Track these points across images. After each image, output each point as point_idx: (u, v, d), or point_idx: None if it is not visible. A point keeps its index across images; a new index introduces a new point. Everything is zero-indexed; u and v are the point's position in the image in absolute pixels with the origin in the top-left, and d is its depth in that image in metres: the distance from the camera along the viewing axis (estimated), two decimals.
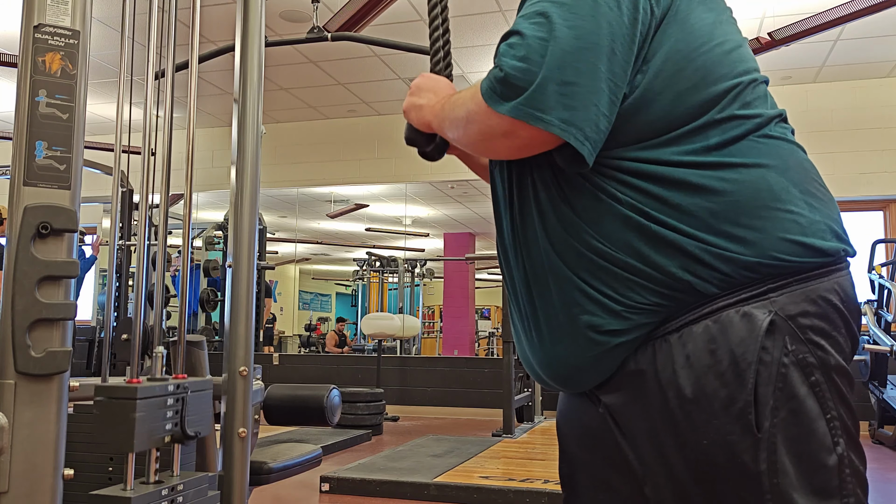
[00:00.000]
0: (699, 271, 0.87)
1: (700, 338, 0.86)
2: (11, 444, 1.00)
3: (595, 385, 0.95)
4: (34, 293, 1.02)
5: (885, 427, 5.47)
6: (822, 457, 0.84)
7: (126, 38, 1.44)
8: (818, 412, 0.85)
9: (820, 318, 0.87)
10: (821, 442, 0.84)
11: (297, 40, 4.15)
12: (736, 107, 0.92)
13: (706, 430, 0.85)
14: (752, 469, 0.83)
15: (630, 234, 0.89)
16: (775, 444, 0.83)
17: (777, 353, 0.84)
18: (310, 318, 11.54)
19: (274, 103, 7.33)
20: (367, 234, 10.23)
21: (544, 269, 0.95)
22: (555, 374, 0.97)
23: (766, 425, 0.83)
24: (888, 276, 5.79)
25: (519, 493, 3.40)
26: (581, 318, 0.92)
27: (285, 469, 1.81)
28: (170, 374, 1.35)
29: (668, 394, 0.87)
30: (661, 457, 0.89)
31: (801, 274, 0.87)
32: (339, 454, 4.88)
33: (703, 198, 0.88)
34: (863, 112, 6.35)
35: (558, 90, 0.83)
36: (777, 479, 0.83)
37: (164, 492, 1.21)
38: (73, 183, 1.08)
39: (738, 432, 0.84)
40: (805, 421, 0.84)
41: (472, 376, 7.14)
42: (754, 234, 0.87)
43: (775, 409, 0.84)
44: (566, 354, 0.94)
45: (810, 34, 4.62)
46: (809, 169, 0.97)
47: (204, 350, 1.68)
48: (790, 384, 0.84)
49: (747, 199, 0.88)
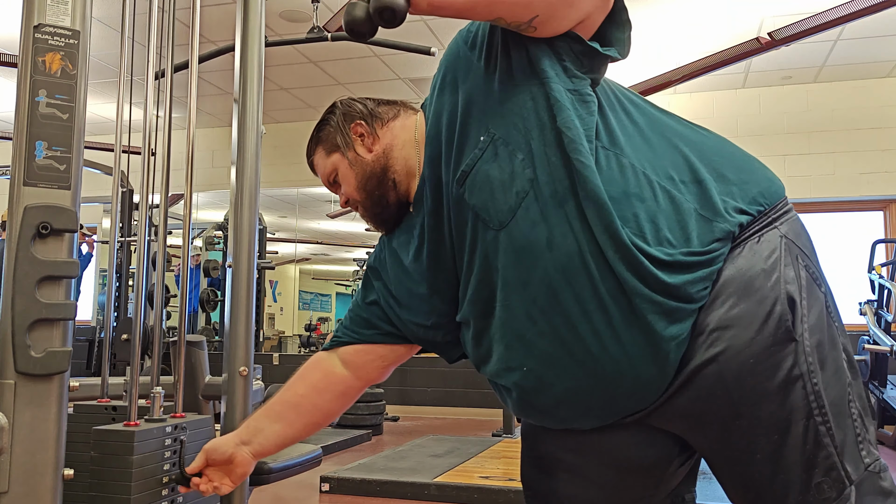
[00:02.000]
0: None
1: (732, 263, 0.94)
2: (11, 444, 1.00)
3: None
4: (34, 293, 1.02)
5: (885, 427, 5.47)
6: (838, 358, 0.95)
7: (126, 38, 1.44)
8: (828, 320, 0.96)
9: (808, 239, 1.01)
10: (833, 343, 0.95)
11: (297, 40, 4.15)
12: None
13: (749, 348, 0.90)
14: (796, 372, 0.90)
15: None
16: (810, 348, 0.92)
17: (796, 266, 0.95)
18: (310, 318, 11.53)
19: (274, 103, 7.33)
20: (367, 234, 10.22)
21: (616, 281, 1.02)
22: (631, 390, 0.99)
23: (800, 330, 0.92)
24: (888, 276, 5.79)
25: (519, 493, 3.39)
26: (669, 327, 0.96)
27: (285, 469, 1.81)
28: (169, 374, 1.35)
29: (707, 319, 0.93)
30: (708, 393, 0.93)
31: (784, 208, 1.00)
32: (339, 454, 4.88)
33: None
34: (863, 112, 6.34)
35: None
36: (816, 379, 0.91)
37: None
38: (73, 183, 1.08)
39: (782, 340, 0.91)
40: (824, 326, 0.94)
41: (472, 376, 7.14)
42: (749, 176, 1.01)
43: (804, 316, 0.92)
44: (649, 364, 0.98)
45: (810, 34, 4.62)
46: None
47: (204, 350, 1.68)
48: (812, 292, 0.95)
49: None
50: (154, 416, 1.28)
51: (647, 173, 0.96)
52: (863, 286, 5.86)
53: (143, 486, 1.18)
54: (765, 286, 0.92)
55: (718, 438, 0.94)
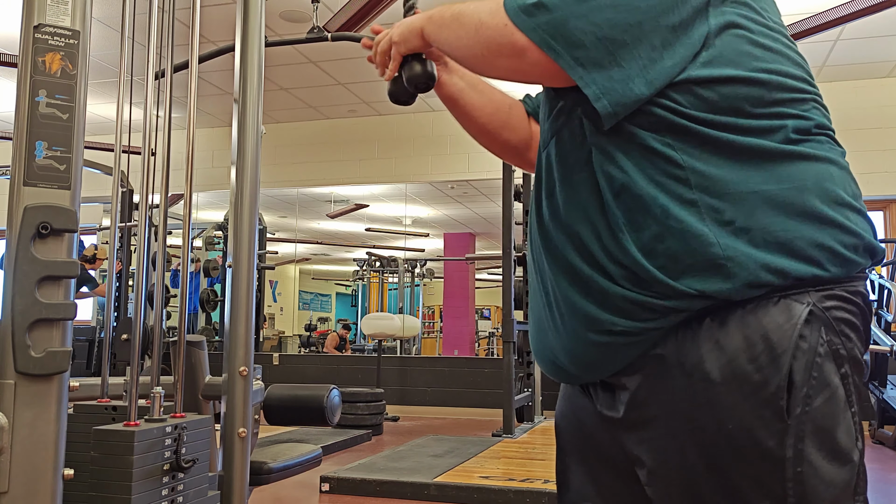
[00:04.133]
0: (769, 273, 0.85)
1: (733, 324, 0.84)
2: (11, 444, 1.00)
3: (617, 370, 0.93)
4: (34, 293, 1.02)
5: (885, 427, 5.47)
6: (847, 451, 0.84)
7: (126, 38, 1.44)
8: (846, 404, 0.85)
9: (851, 313, 0.87)
10: (847, 435, 0.84)
11: (297, 40, 4.15)
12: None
13: (732, 414, 0.83)
14: (778, 454, 0.82)
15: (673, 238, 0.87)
16: (804, 433, 0.82)
17: (814, 341, 0.84)
18: (310, 318, 11.53)
19: (274, 103, 7.33)
20: (367, 234, 10.22)
21: (594, 255, 0.92)
22: (578, 361, 0.95)
23: (797, 412, 0.82)
24: (888, 276, 5.80)
25: (519, 493, 3.40)
26: (613, 306, 0.89)
27: (285, 469, 1.81)
28: (169, 374, 1.35)
29: (692, 377, 0.85)
30: (673, 443, 0.87)
31: (842, 279, 0.87)
32: (339, 454, 4.88)
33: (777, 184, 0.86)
34: (863, 112, 6.34)
35: (594, 31, 0.84)
36: (802, 467, 0.82)
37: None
38: (73, 183, 1.08)
39: (768, 416, 0.82)
40: (836, 412, 0.84)
41: (472, 376, 7.14)
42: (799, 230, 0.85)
43: (808, 398, 0.83)
44: (594, 340, 0.91)
45: (810, 34, 4.62)
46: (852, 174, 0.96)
47: (204, 350, 1.68)
48: (825, 374, 0.84)
49: (814, 188, 0.87)
50: (154, 416, 1.28)
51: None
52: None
53: (143, 485, 1.18)
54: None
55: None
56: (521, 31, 0.87)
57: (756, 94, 0.88)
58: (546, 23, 0.86)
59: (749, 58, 0.89)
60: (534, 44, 0.87)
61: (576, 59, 0.86)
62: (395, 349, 8.83)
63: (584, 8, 0.85)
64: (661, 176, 0.87)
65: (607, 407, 0.95)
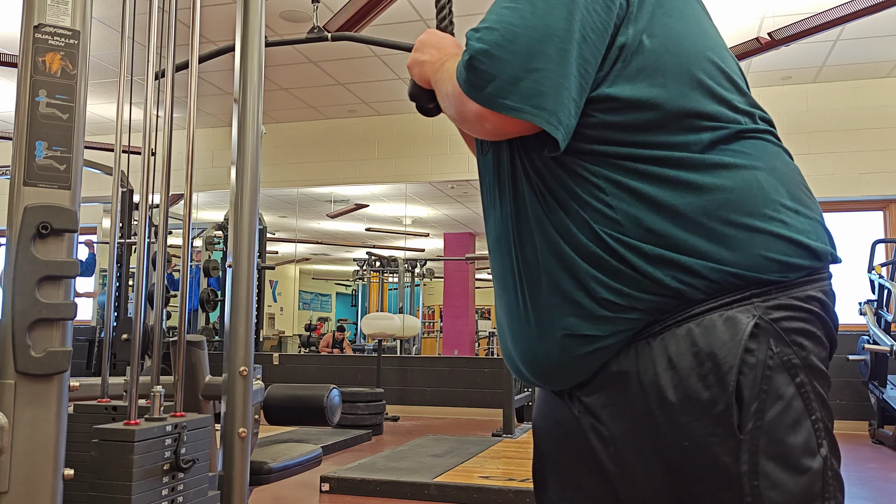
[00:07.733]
0: (688, 280, 0.86)
1: (683, 341, 0.85)
2: (11, 444, 1.00)
3: (575, 384, 0.95)
4: (34, 293, 1.02)
5: (885, 427, 5.47)
6: (806, 459, 0.84)
7: (126, 38, 1.44)
8: (803, 413, 0.84)
9: (804, 320, 0.87)
10: (806, 444, 0.84)
11: (297, 40, 4.15)
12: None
13: (687, 433, 0.84)
14: (733, 471, 0.82)
15: (619, 245, 0.88)
16: (757, 447, 0.82)
17: (762, 355, 0.84)
18: (310, 318, 11.53)
19: (274, 103, 7.33)
20: (367, 234, 10.22)
21: (537, 265, 0.94)
22: (535, 371, 0.97)
23: (748, 427, 0.82)
24: (888, 276, 5.79)
25: (519, 493, 3.40)
26: (564, 319, 0.91)
27: (285, 469, 1.81)
28: (169, 374, 1.35)
29: (649, 396, 0.86)
30: (639, 459, 0.88)
31: (787, 283, 0.87)
32: (339, 454, 4.88)
33: (697, 196, 0.87)
34: (863, 112, 6.34)
35: (527, 77, 0.83)
36: (758, 481, 0.82)
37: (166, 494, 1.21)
38: (73, 183, 1.08)
39: (720, 434, 0.83)
40: (792, 423, 0.84)
41: (472, 376, 7.14)
42: (744, 235, 0.86)
43: (759, 412, 0.83)
44: (547, 352, 0.93)
45: (810, 34, 4.62)
46: (797, 172, 0.97)
47: (204, 350, 1.68)
48: (776, 386, 0.84)
49: (740, 198, 0.88)
50: (154, 415, 1.28)
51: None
52: (863, 286, 5.86)
53: (143, 485, 1.18)
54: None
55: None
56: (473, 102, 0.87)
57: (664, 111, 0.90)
58: (497, 89, 0.84)
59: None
60: (490, 111, 0.86)
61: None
62: (395, 349, 8.82)
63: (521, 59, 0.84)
64: (583, 191, 0.91)
65: (581, 412, 0.96)
